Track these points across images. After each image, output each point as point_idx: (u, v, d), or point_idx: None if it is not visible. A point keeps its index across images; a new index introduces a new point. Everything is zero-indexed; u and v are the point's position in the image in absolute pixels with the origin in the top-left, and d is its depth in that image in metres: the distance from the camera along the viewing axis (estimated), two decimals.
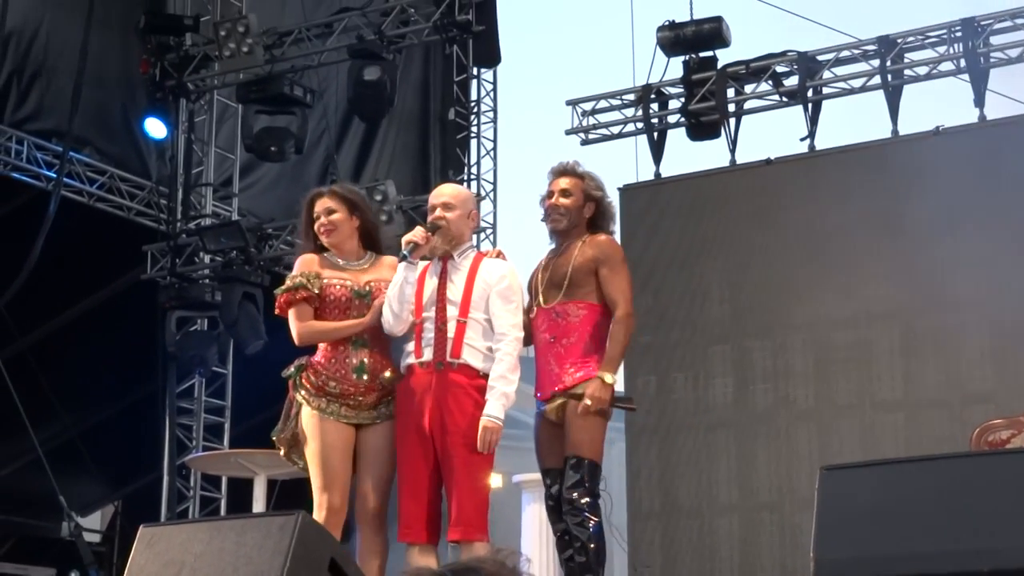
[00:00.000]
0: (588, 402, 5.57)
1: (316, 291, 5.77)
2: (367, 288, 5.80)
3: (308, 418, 5.69)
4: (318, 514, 5.57)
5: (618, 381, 8.02)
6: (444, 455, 5.56)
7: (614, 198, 6.34)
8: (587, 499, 5.57)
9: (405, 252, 5.67)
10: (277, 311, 5.88)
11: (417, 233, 5.71)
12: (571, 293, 5.77)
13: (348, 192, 6.04)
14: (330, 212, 5.88)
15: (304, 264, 5.87)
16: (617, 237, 6.24)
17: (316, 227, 5.89)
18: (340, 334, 5.77)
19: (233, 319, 11.51)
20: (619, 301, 5.76)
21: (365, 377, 5.73)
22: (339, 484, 5.62)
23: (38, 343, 11.49)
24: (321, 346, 5.82)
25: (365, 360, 5.75)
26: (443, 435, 5.56)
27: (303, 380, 5.74)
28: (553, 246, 6.02)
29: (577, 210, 5.90)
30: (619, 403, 5.78)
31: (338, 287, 5.80)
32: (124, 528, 11.59)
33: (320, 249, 5.93)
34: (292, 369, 5.81)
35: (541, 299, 5.84)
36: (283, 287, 5.87)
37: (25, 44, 11.21)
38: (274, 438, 5.93)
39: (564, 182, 5.94)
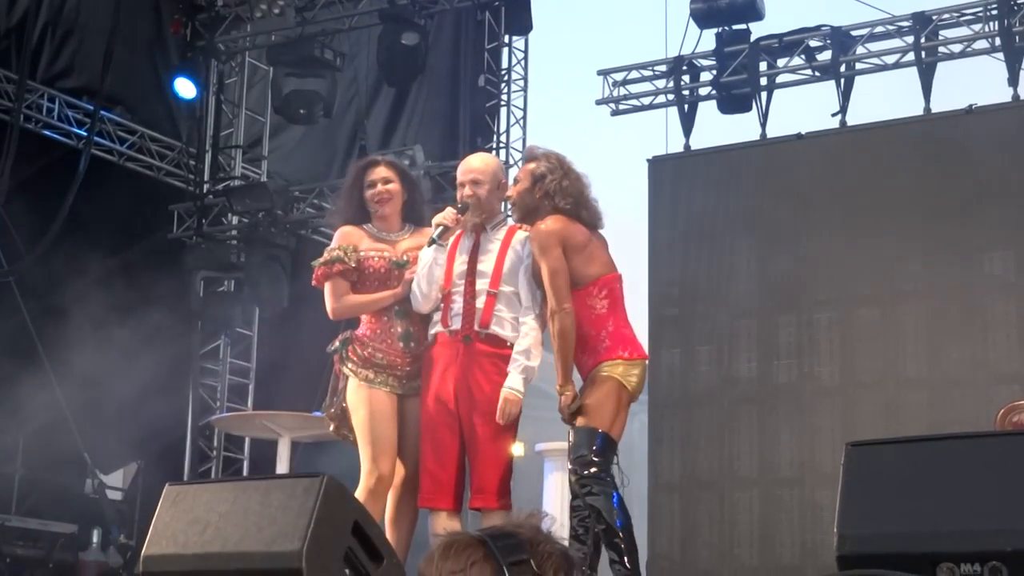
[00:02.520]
0: (561, 415, 5.65)
1: (352, 264, 5.79)
2: (405, 258, 5.83)
3: (355, 388, 5.72)
4: (368, 481, 5.60)
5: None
6: (469, 424, 5.60)
7: (639, 166, 6.24)
8: (592, 469, 5.55)
9: (434, 236, 5.68)
10: (314, 283, 5.91)
11: (448, 216, 5.71)
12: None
13: (402, 164, 6.13)
14: (387, 181, 5.91)
15: (342, 237, 5.90)
16: (643, 201, 6.16)
17: (371, 194, 5.89)
18: (374, 306, 5.80)
19: (256, 281, 11.55)
20: (548, 298, 5.67)
21: (412, 344, 5.77)
22: (388, 452, 5.65)
23: (66, 300, 11.53)
24: (364, 318, 5.85)
25: (411, 328, 5.79)
26: (469, 404, 5.59)
27: (349, 353, 5.78)
28: None
29: (525, 194, 5.81)
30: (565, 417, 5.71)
31: (376, 259, 5.83)
32: (146, 487, 11.65)
33: (360, 219, 5.94)
34: (338, 343, 5.84)
35: None
36: (320, 260, 5.89)
37: (58, 1, 11.23)
38: (323, 414, 5.97)
39: (518, 171, 5.92)
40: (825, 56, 10.20)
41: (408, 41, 11.01)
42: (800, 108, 10.76)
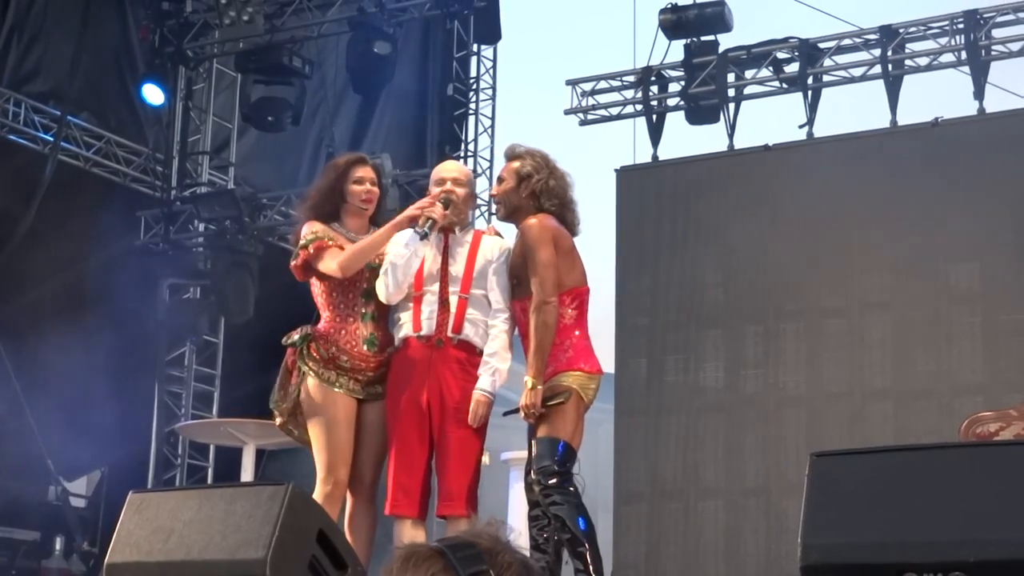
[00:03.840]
0: (522, 414, 5.56)
1: (331, 242, 5.72)
2: (376, 260, 5.78)
3: (315, 390, 5.64)
4: (324, 487, 5.55)
5: (608, 362, 7.88)
6: (439, 430, 5.57)
7: (607, 176, 6.22)
8: (554, 479, 5.53)
9: (425, 229, 5.63)
10: (300, 275, 5.80)
11: (437, 210, 5.68)
12: (519, 291, 5.70)
13: (380, 171, 6.11)
14: (374, 183, 5.89)
15: (314, 226, 5.81)
16: (611, 210, 6.14)
17: (360, 190, 5.84)
18: (375, 247, 5.66)
19: (222, 288, 11.52)
20: (534, 290, 5.63)
21: (376, 348, 5.72)
22: (345, 459, 5.61)
23: (30, 306, 11.47)
24: (325, 316, 5.77)
25: (376, 333, 5.73)
26: (441, 410, 5.57)
27: (311, 350, 5.69)
28: None
29: (511, 193, 5.77)
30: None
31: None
32: (110, 494, 11.58)
33: (330, 217, 5.87)
34: (296, 337, 5.74)
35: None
36: (300, 244, 5.77)
37: (25, 4, 11.17)
38: (273, 407, 5.87)
39: (503, 169, 5.88)
40: (793, 68, 10.26)
41: (381, 51, 11.01)
42: (768, 119, 10.81)
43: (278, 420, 5.84)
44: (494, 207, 5.91)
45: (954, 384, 8.84)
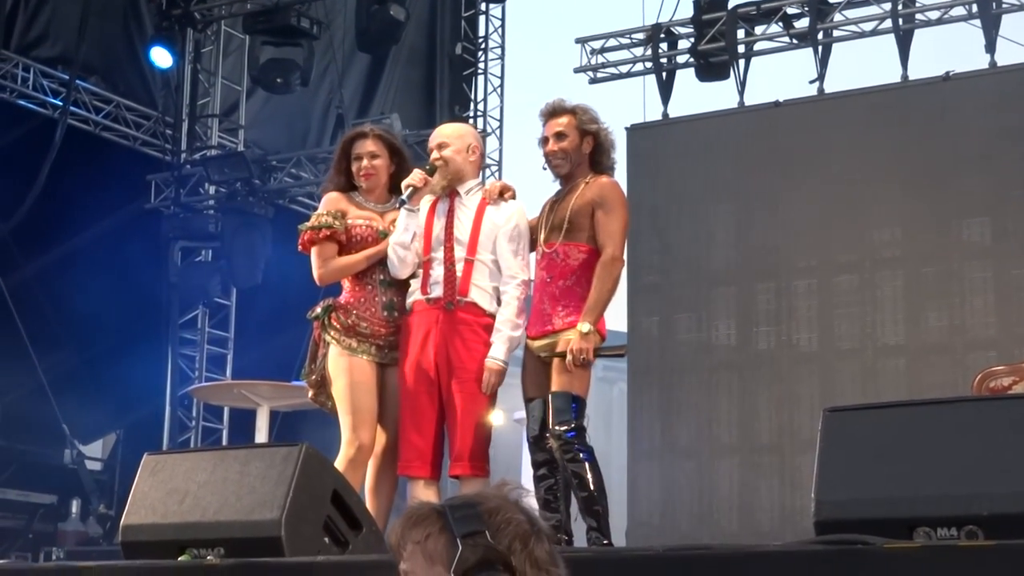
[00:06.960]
0: (570, 357, 5.51)
1: (341, 230, 5.75)
2: (392, 229, 5.78)
3: (336, 357, 5.68)
4: (348, 451, 5.57)
5: (620, 321, 7.89)
6: (449, 392, 5.59)
7: (618, 134, 6.18)
8: (574, 433, 5.55)
9: (404, 197, 5.65)
10: (300, 248, 5.85)
11: (415, 177, 5.68)
12: (571, 235, 5.69)
13: (391, 136, 6.01)
14: (373, 156, 5.84)
15: (330, 202, 5.83)
16: (622, 169, 6.11)
17: (355, 168, 5.85)
18: (361, 264, 5.75)
19: (232, 251, 11.54)
20: (607, 243, 5.62)
21: (396, 314, 5.75)
22: (368, 421, 5.63)
23: (43, 271, 11.50)
24: (347, 286, 5.80)
25: (394, 299, 5.76)
26: (449, 372, 5.58)
27: (332, 320, 5.72)
28: (558, 186, 5.95)
29: (575, 150, 5.78)
30: (605, 352, 5.60)
31: (363, 226, 5.78)
32: (125, 457, 11.65)
33: (348, 187, 5.90)
34: (319, 310, 5.78)
35: (543, 239, 5.78)
36: (307, 224, 5.84)
37: None
38: (303, 380, 5.94)
39: (557, 124, 5.82)
40: (803, 23, 10.20)
41: (396, 15, 11.00)
42: (778, 76, 10.76)
43: (310, 393, 5.90)
44: (554, 163, 5.83)
45: (966, 339, 8.82)
